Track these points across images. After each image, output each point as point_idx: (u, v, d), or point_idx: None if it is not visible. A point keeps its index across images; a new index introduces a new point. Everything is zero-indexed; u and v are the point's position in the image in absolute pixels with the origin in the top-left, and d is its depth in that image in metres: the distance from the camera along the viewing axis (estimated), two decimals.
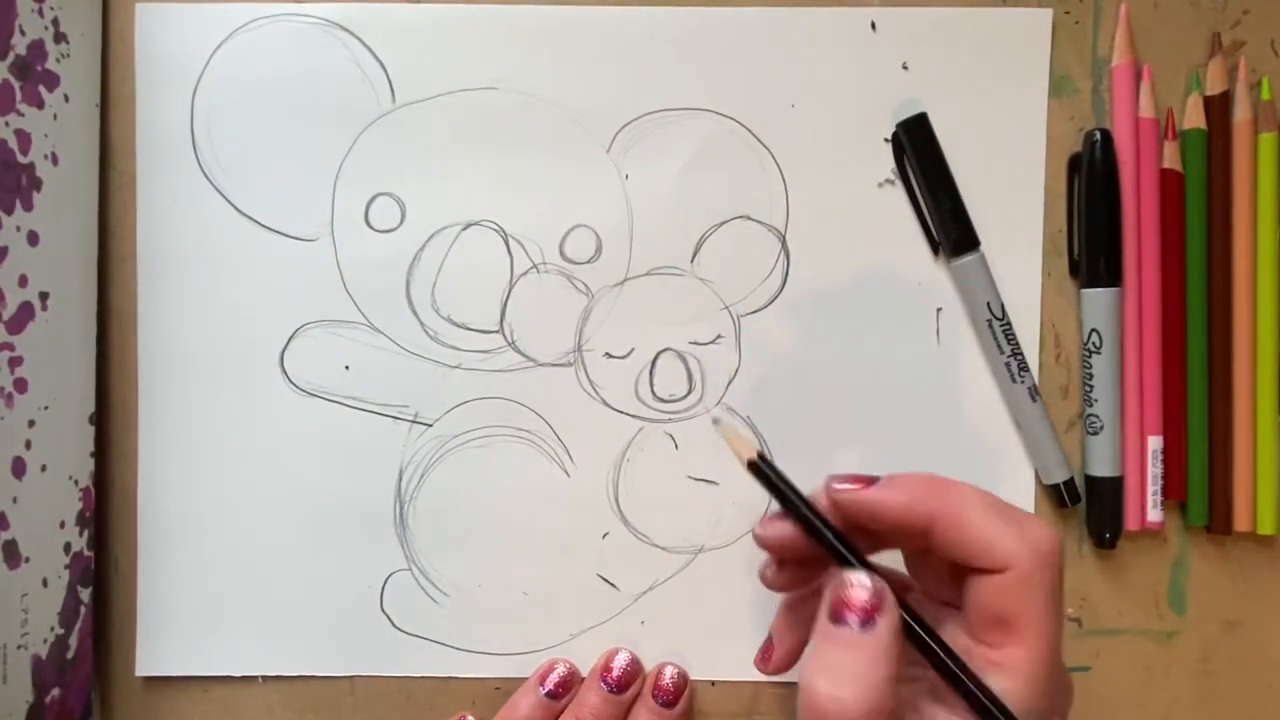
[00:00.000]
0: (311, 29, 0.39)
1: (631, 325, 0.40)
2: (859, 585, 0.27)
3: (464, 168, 0.40)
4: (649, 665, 0.39)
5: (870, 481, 0.29)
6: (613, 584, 0.40)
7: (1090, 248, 0.39)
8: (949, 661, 0.27)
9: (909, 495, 0.28)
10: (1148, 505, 0.39)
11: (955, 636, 0.28)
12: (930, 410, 0.40)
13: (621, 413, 0.40)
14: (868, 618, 0.26)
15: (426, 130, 0.39)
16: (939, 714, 0.27)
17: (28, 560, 0.35)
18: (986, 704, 0.26)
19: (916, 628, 0.28)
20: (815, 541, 0.29)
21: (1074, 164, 0.39)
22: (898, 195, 0.39)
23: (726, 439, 0.31)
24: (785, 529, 0.30)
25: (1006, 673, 0.27)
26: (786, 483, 0.30)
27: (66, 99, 0.37)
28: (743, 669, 0.40)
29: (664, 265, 0.40)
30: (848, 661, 0.26)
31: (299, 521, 0.40)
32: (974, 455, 0.40)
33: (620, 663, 0.39)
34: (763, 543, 0.31)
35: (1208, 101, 0.39)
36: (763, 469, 0.30)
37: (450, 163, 0.40)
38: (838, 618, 0.27)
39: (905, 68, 0.39)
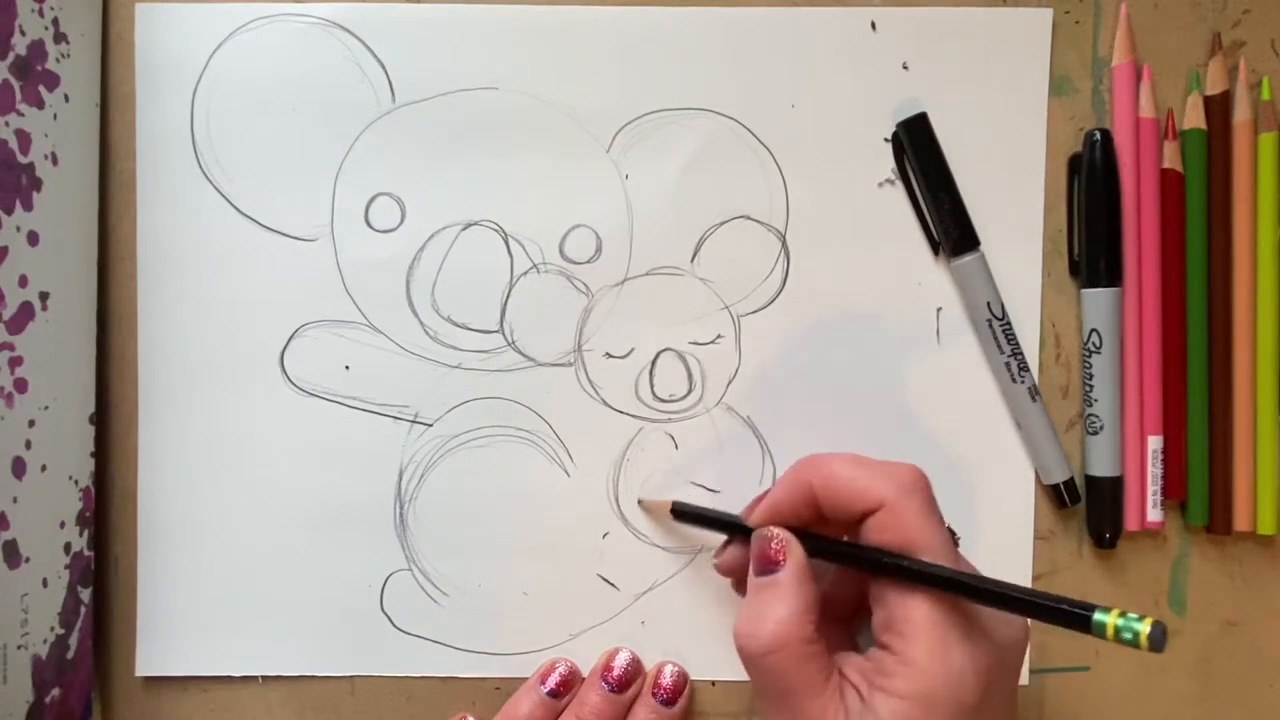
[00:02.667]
0: (311, 29, 0.39)
1: (631, 325, 0.40)
2: (768, 536, 0.33)
3: (464, 168, 0.40)
4: (649, 665, 0.39)
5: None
6: (613, 584, 0.40)
7: (1090, 248, 0.39)
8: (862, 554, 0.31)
9: (789, 480, 0.33)
10: (1147, 505, 0.39)
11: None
12: (930, 410, 0.40)
13: (621, 413, 0.40)
14: (780, 558, 0.32)
15: (426, 130, 0.39)
16: (877, 698, 0.29)
17: (28, 560, 0.35)
18: (901, 567, 0.30)
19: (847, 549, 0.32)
20: (743, 541, 0.35)
21: (1074, 164, 0.39)
22: (898, 195, 0.39)
23: (647, 508, 0.39)
24: (733, 553, 0.35)
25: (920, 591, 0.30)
26: (705, 511, 0.37)
27: (66, 99, 0.37)
28: (743, 669, 0.40)
29: (664, 265, 0.40)
30: (761, 602, 0.31)
31: (299, 521, 0.40)
32: (974, 455, 0.40)
33: (621, 662, 0.39)
34: (721, 570, 0.36)
35: (1208, 101, 0.39)
36: (682, 509, 0.38)
37: (450, 163, 0.40)
38: (757, 569, 0.32)
39: (905, 68, 0.39)
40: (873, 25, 0.39)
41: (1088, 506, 0.40)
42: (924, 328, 0.40)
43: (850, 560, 0.32)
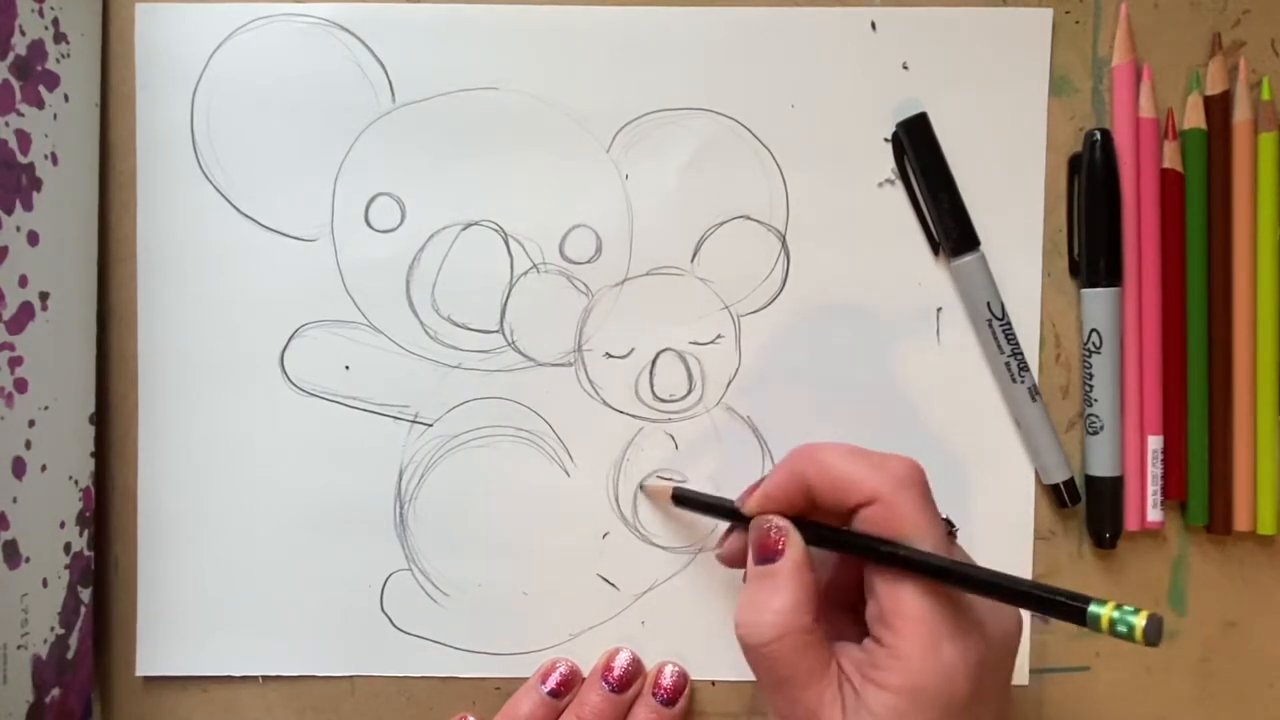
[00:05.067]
0: (311, 29, 0.39)
1: (631, 325, 0.40)
2: (767, 525, 0.32)
3: (464, 168, 0.40)
4: (649, 665, 0.39)
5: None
6: (613, 584, 0.40)
7: (1090, 248, 0.39)
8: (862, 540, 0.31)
9: (783, 469, 0.32)
10: (1148, 505, 0.39)
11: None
12: (930, 410, 0.40)
13: (621, 413, 0.40)
14: (779, 547, 0.31)
15: (426, 130, 0.39)
16: (869, 690, 0.29)
17: (28, 560, 0.35)
18: (901, 557, 0.30)
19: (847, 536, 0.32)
20: (744, 529, 0.34)
21: (1074, 164, 0.39)
22: (898, 195, 0.39)
23: (649, 493, 0.39)
24: (735, 542, 0.35)
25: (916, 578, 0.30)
26: (706, 498, 0.37)
27: (66, 99, 0.37)
28: (743, 669, 0.40)
29: (664, 265, 0.40)
30: (760, 592, 0.31)
31: (299, 521, 0.40)
32: (974, 455, 0.40)
33: (621, 662, 0.39)
34: (724, 560, 0.36)
35: (1208, 101, 0.39)
36: (683, 494, 0.38)
37: (450, 163, 0.40)
38: (756, 558, 0.32)
39: (905, 68, 0.39)
40: (873, 25, 0.39)
41: (1088, 506, 0.40)
42: (924, 328, 0.40)
43: (846, 547, 0.32)
